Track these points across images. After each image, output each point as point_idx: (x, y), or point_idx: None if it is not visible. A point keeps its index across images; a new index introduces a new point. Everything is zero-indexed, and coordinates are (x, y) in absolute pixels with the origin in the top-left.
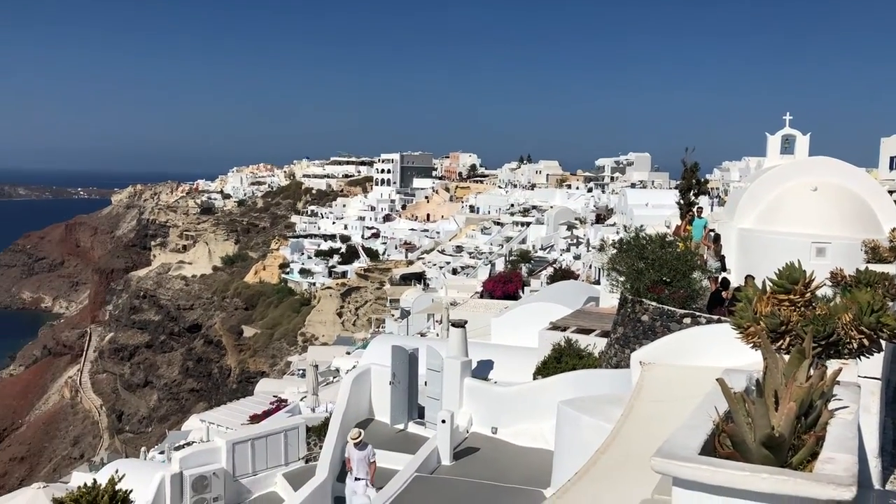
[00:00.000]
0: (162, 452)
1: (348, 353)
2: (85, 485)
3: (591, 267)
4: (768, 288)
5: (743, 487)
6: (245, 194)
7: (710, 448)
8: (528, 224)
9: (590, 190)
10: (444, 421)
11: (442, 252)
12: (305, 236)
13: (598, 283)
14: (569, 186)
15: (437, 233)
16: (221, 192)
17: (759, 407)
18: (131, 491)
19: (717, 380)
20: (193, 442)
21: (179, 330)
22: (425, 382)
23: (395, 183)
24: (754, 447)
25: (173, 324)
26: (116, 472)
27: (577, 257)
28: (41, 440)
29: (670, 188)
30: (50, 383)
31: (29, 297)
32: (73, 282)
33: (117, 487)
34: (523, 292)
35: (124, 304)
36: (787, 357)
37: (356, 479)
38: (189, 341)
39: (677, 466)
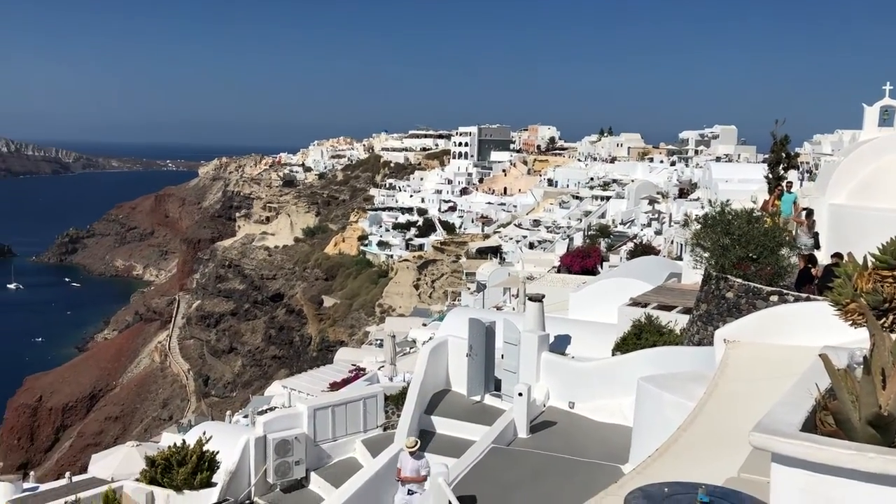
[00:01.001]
0: (246, 416)
1: (424, 325)
2: (174, 444)
3: (672, 242)
4: (869, 264)
5: (848, 466)
6: (325, 167)
7: (811, 425)
8: (608, 198)
9: (672, 163)
10: (520, 394)
11: (519, 226)
12: (383, 209)
13: (680, 258)
14: (651, 160)
15: (514, 206)
16: (303, 164)
17: (865, 385)
18: (217, 452)
19: (819, 356)
20: (276, 407)
21: (262, 299)
22: (502, 355)
23: (472, 156)
24: (860, 426)
25: (257, 293)
26: (204, 433)
27: (658, 232)
28: (133, 401)
29: (757, 162)
30: (141, 347)
31: (121, 265)
32: (163, 251)
33: (204, 448)
34: (602, 268)
35: (210, 273)
36: (894, 336)
37: (409, 491)
38: (272, 310)
39: (778, 442)
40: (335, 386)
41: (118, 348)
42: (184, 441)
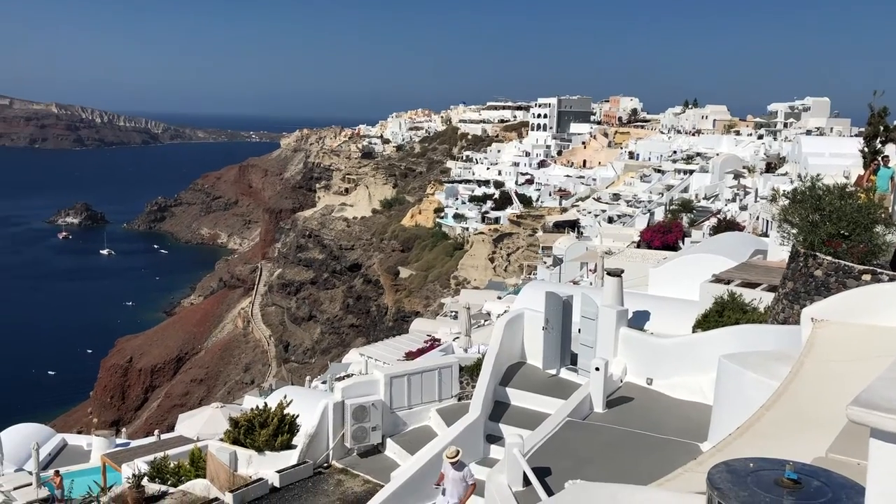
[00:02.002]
0: (324, 382)
1: (499, 298)
2: (257, 407)
3: (758, 218)
4: None
5: None
6: (403, 139)
7: None
8: (692, 172)
9: (760, 137)
10: (597, 369)
11: (598, 199)
12: (460, 181)
13: (766, 235)
14: (737, 133)
15: (594, 179)
16: (381, 136)
17: None
18: (297, 416)
19: None
20: (353, 374)
21: (341, 268)
22: (579, 330)
23: (551, 128)
24: None
25: (335, 262)
26: (285, 397)
27: (743, 208)
28: (217, 365)
29: (852, 135)
30: (225, 313)
31: (207, 233)
32: (246, 220)
33: (285, 412)
34: (683, 243)
35: (291, 243)
36: None
37: (448, 503)
38: (350, 279)
39: (879, 417)
40: (410, 355)
41: (203, 313)
42: (265, 404)
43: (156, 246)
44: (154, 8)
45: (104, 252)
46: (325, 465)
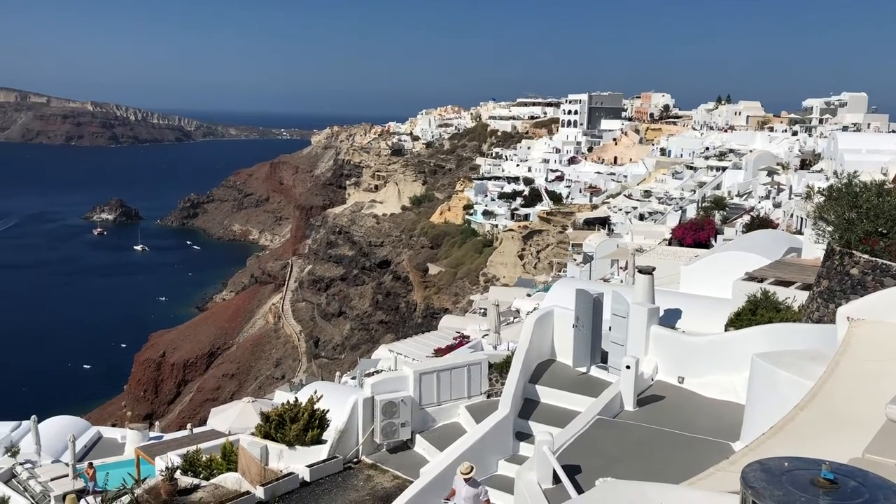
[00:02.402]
0: (354, 378)
1: (529, 295)
2: (287, 402)
3: (792, 216)
4: None
5: None
6: (433, 136)
7: None
8: (724, 169)
9: (795, 133)
10: (628, 367)
11: (629, 196)
12: (489, 178)
13: (800, 233)
14: (771, 129)
15: (625, 176)
16: (411, 134)
17: None
18: (328, 411)
19: None
20: (382, 370)
21: (370, 265)
22: (609, 328)
23: (581, 124)
24: None
25: (365, 259)
26: (315, 392)
27: (777, 205)
28: (248, 360)
29: (889, 132)
30: (256, 309)
31: (239, 230)
32: (277, 216)
33: (315, 406)
34: (716, 241)
35: (322, 239)
36: None
37: None
38: (379, 276)
39: None
40: (439, 352)
41: (235, 309)
42: (296, 399)
43: (188, 242)
44: (187, 9)
45: (138, 248)
46: (355, 460)
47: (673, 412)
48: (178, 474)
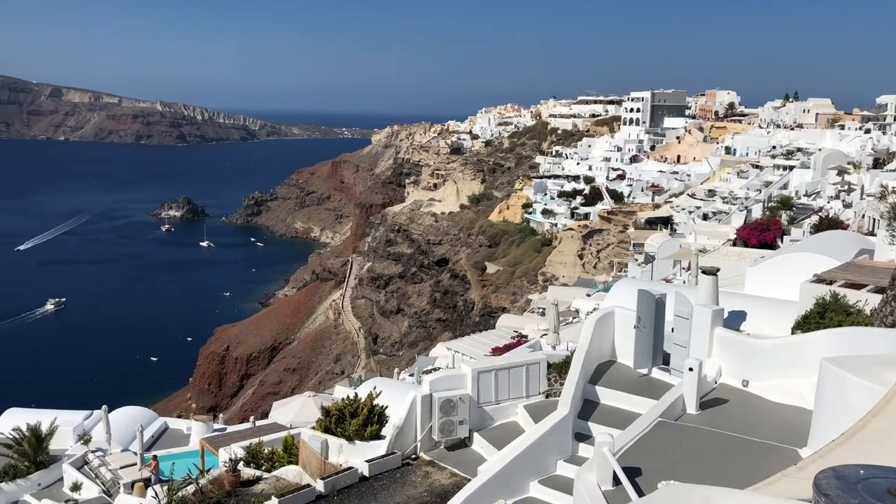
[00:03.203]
0: (412, 375)
1: (588, 295)
2: (347, 397)
3: (864, 216)
4: None
5: None
6: (492, 134)
7: None
8: (792, 168)
9: (867, 131)
10: (691, 369)
11: (692, 196)
12: (549, 177)
13: (872, 234)
14: (841, 127)
15: (688, 175)
16: (470, 132)
17: None
18: (386, 407)
19: None
20: (440, 368)
21: (429, 263)
22: (672, 329)
23: (644, 122)
24: None
25: (423, 257)
26: (374, 388)
27: (847, 205)
28: (309, 355)
29: None
30: (317, 305)
31: (301, 227)
32: (338, 214)
33: (375, 402)
34: (782, 241)
35: (381, 237)
36: None
37: None
38: (437, 274)
39: None
40: (497, 351)
41: (296, 305)
42: (356, 394)
43: (252, 239)
44: (252, 12)
45: (204, 244)
46: (413, 456)
47: (737, 416)
48: (241, 466)
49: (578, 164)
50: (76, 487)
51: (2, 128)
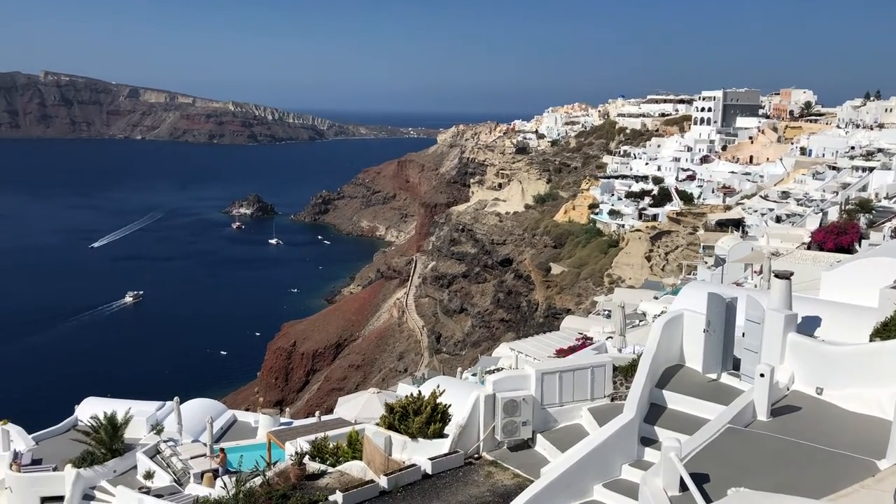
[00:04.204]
0: (474, 374)
1: (656, 298)
2: (411, 395)
3: None
4: None
5: None
6: (559, 134)
7: None
8: (872, 169)
9: None
10: (762, 375)
11: (765, 198)
12: (616, 177)
13: None
14: None
15: (761, 176)
16: (536, 132)
17: None
18: (449, 406)
19: None
20: (502, 368)
21: (492, 263)
22: (743, 334)
23: (715, 122)
24: None
25: (487, 257)
26: (438, 387)
27: None
28: (373, 352)
29: None
30: (381, 303)
31: (366, 226)
32: (403, 213)
33: (438, 401)
34: (860, 245)
35: (445, 236)
36: None
37: None
38: (501, 274)
39: None
40: (561, 352)
41: (361, 302)
42: (419, 392)
43: (319, 237)
44: (319, 13)
45: (272, 242)
46: (476, 456)
47: (810, 424)
48: (306, 460)
49: (647, 164)
50: (149, 475)
51: (83, 127)
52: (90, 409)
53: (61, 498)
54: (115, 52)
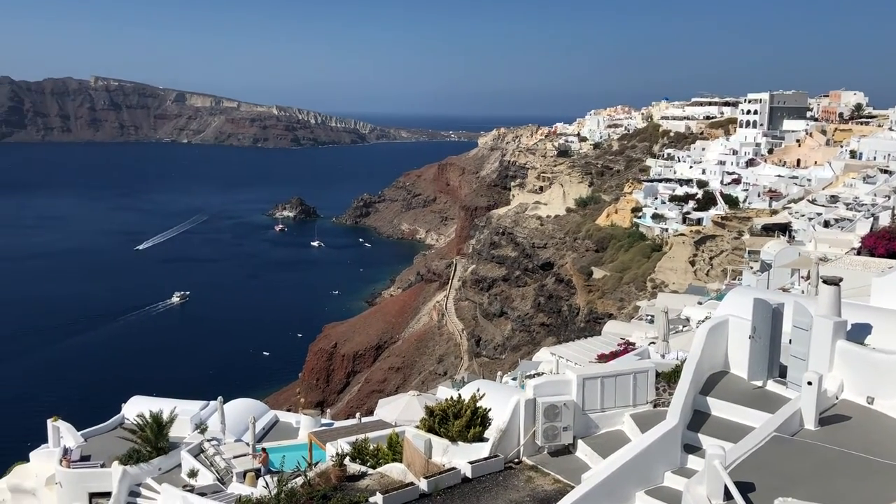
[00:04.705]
0: (514, 378)
1: (700, 303)
2: (451, 398)
3: None
4: None
5: None
6: (601, 137)
7: None
8: None
9: None
10: (810, 383)
11: (812, 202)
12: (660, 180)
13: None
14: None
15: (808, 180)
16: (578, 134)
17: None
18: (490, 409)
19: None
20: (543, 373)
21: (533, 267)
22: (790, 340)
23: (761, 125)
24: None
25: (527, 260)
26: (478, 390)
27: None
28: (413, 355)
29: None
30: (421, 305)
31: (407, 229)
32: (443, 217)
33: (478, 404)
34: None
35: (485, 240)
36: None
37: None
38: (541, 278)
39: None
40: (603, 358)
41: (402, 305)
42: (459, 395)
43: (360, 240)
44: (362, 19)
45: (314, 244)
46: (516, 460)
47: (860, 434)
48: (347, 461)
49: (691, 167)
50: (193, 474)
51: (131, 130)
52: (136, 408)
53: (108, 494)
54: (162, 58)
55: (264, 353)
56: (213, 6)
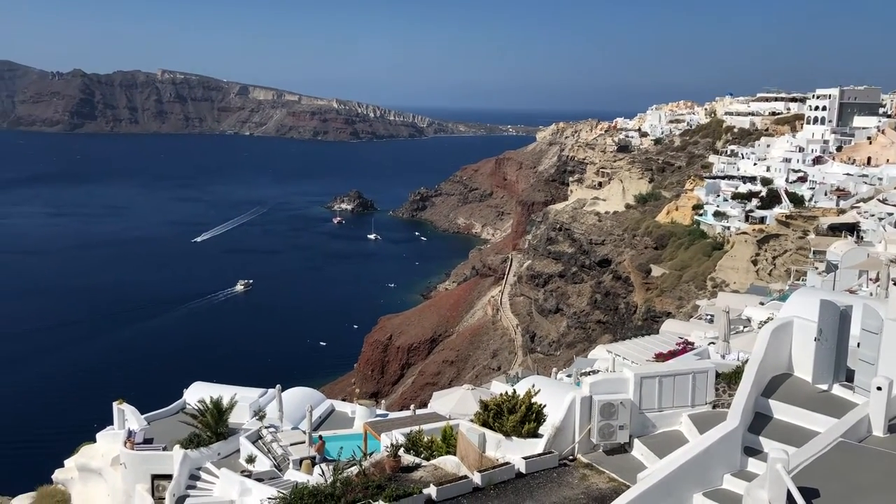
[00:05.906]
0: (569, 375)
1: (762, 304)
2: (506, 393)
3: None
4: None
5: None
6: (662, 132)
7: None
8: None
9: None
10: (879, 388)
11: (883, 201)
12: (723, 177)
13: None
14: None
15: (879, 179)
16: (639, 130)
17: None
18: (544, 406)
19: None
20: (598, 370)
21: (590, 263)
22: (858, 344)
23: (830, 121)
24: None
25: (584, 257)
26: (533, 386)
27: None
28: (467, 349)
29: None
30: (476, 300)
31: (463, 223)
32: (499, 211)
33: (533, 400)
34: None
35: (542, 235)
36: None
37: None
38: (598, 275)
39: None
40: (661, 357)
41: (456, 299)
42: (514, 391)
43: (416, 233)
44: (421, 16)
45: (371, 237)
46: (571, 457)
47: None
48: (401, 452)
49: (755, 164)
50: (251, 460)
51: (195, 123)
52: (198, 394)
53: (170, 476)
54: (226, 51)
55: (321, 343)
56: (277, 2)
